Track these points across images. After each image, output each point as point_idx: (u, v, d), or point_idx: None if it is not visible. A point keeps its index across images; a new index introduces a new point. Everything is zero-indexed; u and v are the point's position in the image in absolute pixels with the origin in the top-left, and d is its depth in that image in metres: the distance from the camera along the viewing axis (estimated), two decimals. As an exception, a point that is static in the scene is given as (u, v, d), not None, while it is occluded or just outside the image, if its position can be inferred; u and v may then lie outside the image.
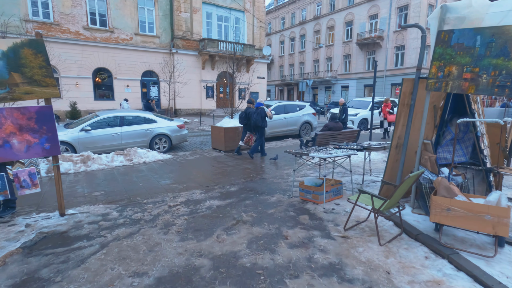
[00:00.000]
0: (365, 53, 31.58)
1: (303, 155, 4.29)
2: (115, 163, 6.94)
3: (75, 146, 7.66)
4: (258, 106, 7.76)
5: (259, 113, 7.54)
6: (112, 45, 19.41)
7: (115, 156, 7.11)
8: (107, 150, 8.16)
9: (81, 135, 7.74)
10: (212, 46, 21.82)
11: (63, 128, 7.94)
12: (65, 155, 6.64)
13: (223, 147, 8.63)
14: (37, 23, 17.05)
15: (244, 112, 7.88)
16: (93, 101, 19.44)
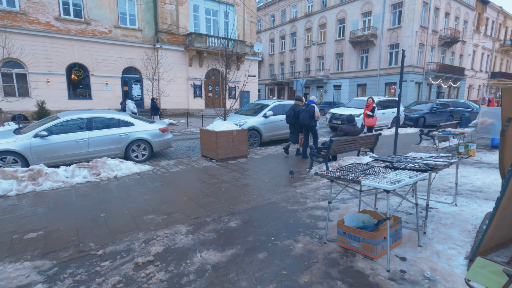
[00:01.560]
0: (358, 51, 30.73)
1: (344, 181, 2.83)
2: (76, 179, 5.38)
3: (27, 156, 6.03)
4: (309, 104, 7.27)
5: (307, 111, 7.09)
6: (89, 39, 17.54)
7: (76, 170, 5.54)
8: (71, 161, 6.57)
9: (35, 142, 6.12)
10: (199, 41, 20.24)
11: (11, 133, 6.28)
12: (7, 170, 5.03)
13: (215, 155, 7.18)
14: (0, 11, 15.02)
15: (292, 109, 7.38)
16: (67, 100, 17.51)
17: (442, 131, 7.42)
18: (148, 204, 4.19)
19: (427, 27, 27.41)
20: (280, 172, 6.04)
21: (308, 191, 4.61)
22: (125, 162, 6.20)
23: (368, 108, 9.70)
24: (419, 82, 28.25)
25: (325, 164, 5.82)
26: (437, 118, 16.73)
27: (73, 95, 18.07)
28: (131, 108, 14.30)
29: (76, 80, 18.02)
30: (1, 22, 14.97)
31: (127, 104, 14.48)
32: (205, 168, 6.51)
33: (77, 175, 5.47)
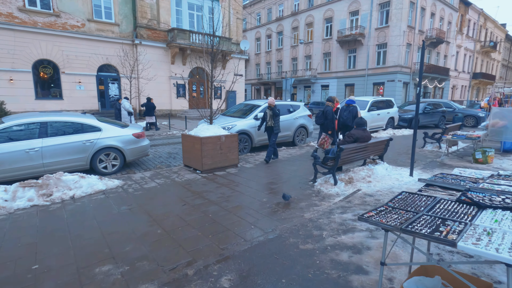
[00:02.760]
0: (346, 51, 30.28)
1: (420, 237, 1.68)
2: (19, 203, 4.14)
3: (-43, 172, 4.71)
4: (350, 104, 7.27)
5: (350, 111, 7.12)
6: (58, 32, 15.89)
7: (19, 190, 4.30)
8: (19, 177, 5.29)
9: (-32, 154, 4.81)
10: (182, 37, 18.96)
11: None
12: None
13: (200, 165, 6.08)
14: (-49, -1, 13.20)
15: (321, 111, 7.19)
16: (33, 101, 15.79)
17: (456, 135, 6.65)
18: (106, 243, 3.06)
19: (414, 27, 27.29)
20: (280, 186, 5.03)
21: (320, 216, 3.62)
22: (87, 177, 4.99)
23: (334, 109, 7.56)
24: (407, 82, 28.10)
25: (332, 176, 4.86)
26: (430, 118, 16.31)
27: (42, 94, 16.34)
28: (127, 108, 12.98)
29: (45, 78, 16.31)
30: (-46, 12, 13.16)
31: (123, 103, 13.11)
32: (187, 182, 5.40)
33: (20, 198, 4.23)
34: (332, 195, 4.44)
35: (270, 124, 6.91)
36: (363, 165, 5.72)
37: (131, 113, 13.21)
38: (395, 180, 4.90)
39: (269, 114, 6.91)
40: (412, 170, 5.08)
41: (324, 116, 6.84)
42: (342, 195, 4.41)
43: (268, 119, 6.94)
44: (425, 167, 6.05)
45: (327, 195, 4.49)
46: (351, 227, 3.23)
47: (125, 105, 13.01)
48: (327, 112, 6.80)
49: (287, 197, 4.15)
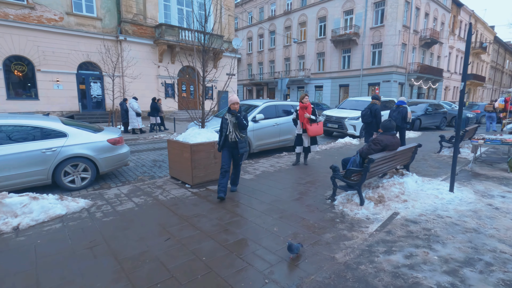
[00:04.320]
0: (340, 51, 29.62)
1: None
2: None
3: None
4: (400, 105, 7.22)
5: (400, 112, 7.07)
6: (33, 26, 14.46)
7: None
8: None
9: None
10: (171, 34, 17.75)
11: None
12: None
13: (189, 177, 4.98)
14: None
15: (368, 108, 6.92)
16: (4, 101, 14.30)
17: (490, 140, 5.76)
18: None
19: (409, 26, 26.85)
20: (292, 207, 3.98)
21: (357, 257, 2.60)
22: (41, 198, 3.82)
23: (307, 109, 6.21)
24: (402, 82, 27.61)
25: (358, 194, 3.85)
26: (432, 120, 15.64)
27: (14, 94, 14.85)
28: (135, 108, 12.01)
29: (18, 76, 14.83)
30: None
31: (131, 103, 12.09)
32: (174, 201, 4.29)
33: None
34: (362, 221, 3.43)
35: (232, 137, 4.27)
36: (381, 176, 4.73)
37: (139, 114, 12.29)
38: (434, 197, 3.93)
39: (232, 123, 4.30)
40: (452, 185, 4.12)
41: (373, 114, 6.64)
42: (375, 220, 3.40)
43: (230, 130, 4.28)
44: (459, 179, 5.13)
45: (356, 220, 3.47)
46: (412, 281, 2.22)
47: (133, 105, 12.01)
48: (377, 111, 6.59)
49: (296, 249, 2.62)
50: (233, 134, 4.27)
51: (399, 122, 7.04)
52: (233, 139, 4.28)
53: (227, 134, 4.28)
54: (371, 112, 6.79)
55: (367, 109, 6.98)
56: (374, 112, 6.75)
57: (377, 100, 6.95)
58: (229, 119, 4.28)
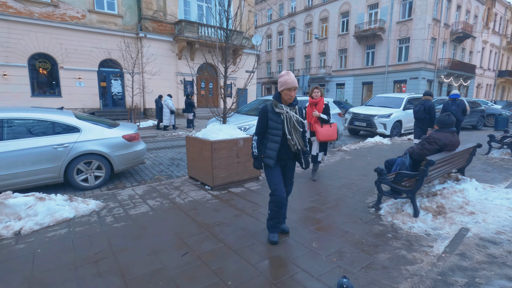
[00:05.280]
0: (364, 47, 28.36)
1: None
2: None
3: None
4: (456, 98, 7.04)
5: (458, 105, 6.97)
6: (57, 24, 14.60)
7: None
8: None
9: None
10: (191, 30, 17.48)
11: None
12: None
13: (210, 178, 4.49)
14: None
15: (421, 105, 6.65)
16: (29, 98, 14.54)
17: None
18: None
19: (440, 20, 25.19)
20: (329, 216, 3.38)
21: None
22: (48, 199, 3.45)
23: (317, 106, 4.89)
24: (431, 79, 26.02)
25: (411, 204, 3.19)
26: (469, 119, 14.36)
27: (39, 91, 15.09)
28: (170, 106, 12.10)
29: (43, 73, 15.06)
30: None
31: (166, 101, 12.15)
32: (192, 205, 3.80)
33: None
34: (420, 237, 2.77)
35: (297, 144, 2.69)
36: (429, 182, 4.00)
37: (173, 112, 12.36)
38: (507, 209, 3.20)
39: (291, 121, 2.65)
40: (529, 194, 3.36)
41: (427, 111, 6.51)
42: (438, 237, 2.73)
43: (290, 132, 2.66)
44: (524, 185, 4.32)
45: (412, 236, 2.82)
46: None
47: (168, 103, 12.07)
48: (431, 107, 6.44)
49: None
50: (296, 139, 2.64)
51: (460, 116, 6.98)
52: (298, 146, 2.66)
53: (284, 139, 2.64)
54: (425, 109, 6.58)
55: (420, 106, 6.75)
56: (428, 109, 6.52)
57: (430, 96, 6.70)
58: (286, 115, 2.59)
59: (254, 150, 2.72)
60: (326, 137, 4.84)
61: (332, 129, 4.89)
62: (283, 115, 2.61)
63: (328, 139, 4.88)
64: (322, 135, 4.81)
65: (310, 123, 4.93)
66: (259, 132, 2.72)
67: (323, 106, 4.88)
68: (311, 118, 4.91)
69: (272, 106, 2.65)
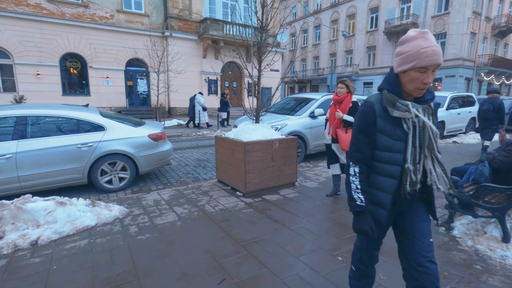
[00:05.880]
0: (394, 43, 26.87)
1: None
2: None
3: None
4: None
5: None
6: (87, 24, 14.88)
7: None
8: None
9: None
10: (216, 28, 17.25)
11: None
12: None
13: (242, 184, 4.03)
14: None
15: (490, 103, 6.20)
16: (60, 97, 14.92)
17: None
18: None
19: (480, 13, 23.28)
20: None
21: None
22: (69, 203, 3.14)
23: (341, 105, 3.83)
24: (469, 77, 24.13)
25: (501, 225, 2.53)
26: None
27: (69, 90, 15.48)
28: (202, 103, 12.14)
29: (73, 73, 15.42)
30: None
31: (198, 98, 12.20)
32: (224, 215, 3.36)
33: None
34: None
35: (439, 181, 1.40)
36: None
37: (205, 109, 12.38)
38: None
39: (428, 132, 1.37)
40: None
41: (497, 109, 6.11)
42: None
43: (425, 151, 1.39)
44: None
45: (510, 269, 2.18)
46: None
47: (200, 100, 12.09)
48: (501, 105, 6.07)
49: None
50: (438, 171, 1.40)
51: None
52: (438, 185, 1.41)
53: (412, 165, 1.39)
54: (494, 108, 6.18)
55: (488, 104, 6.33)
56: (497, 107, 6.14)
57: (498, 94, 6.39)
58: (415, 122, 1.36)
59: (358, 197, 1.43)
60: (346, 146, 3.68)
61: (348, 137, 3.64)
62: (410, 122, 1.36)
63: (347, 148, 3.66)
64: (345, 143, 3.66)
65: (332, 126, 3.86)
66: (363, 158, 1.45)
67: (350, 105, 3.76)
68: (333, 120, 3.84)
69: (385, 104, 1.37)
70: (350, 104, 3.79)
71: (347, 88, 3.82)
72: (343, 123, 3.80)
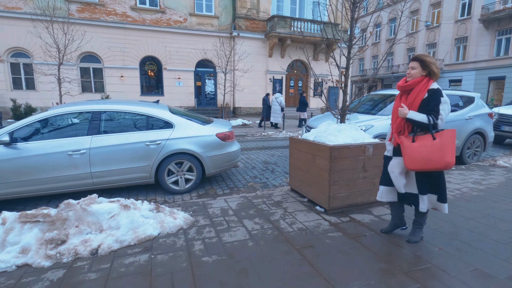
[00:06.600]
0: (494, 33, 22.48)
1: None
2: (4, 256, 2.20)
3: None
4: None
5: None
6: (163, 29, 15.88)
7: (16, 228, 2.39)
8: (57, 191, 3.64)
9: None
10: (283, 25, 16.68)
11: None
12: None
13: (324, 197, 3.26)
14: (80, 3, 14.38)
15: None
16: (139, 96, 16.23)
17: None
18: None
19: None
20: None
21: None
22: (132, 208, 2.82)
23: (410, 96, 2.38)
24: None
25: None
26: None
27: (146, 90, 16.77)
28: (282, 104, 11.80)
29: (149, 75, 16.65)
30: (81, 15, 14.33)
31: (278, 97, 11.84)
32: (306, 239, 2.64)
33: (11, 243, 2.31)
34: None
35: None
36: None
37: (283, 109, 12.07)
38: None
39: None
40: None
41: None
42: None
43: None
44: None
45: None
46: None
47: (281, 100, 11.73)
48: None
49: None
50: None
51: None
52: None
53: None
54: None
55: None
56: None
57: None
58: None
59: None
60: (421, 164, 2.24)
61: (437, 146, 2.20)
62: None
63: (425, 167, 2.24)
64: (411, 158, 2.27)
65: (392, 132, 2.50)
66: None
67: (424, 95, 2.30)
68: (395, 121, 2.46)
69: None
70: (424, 94, 2.29)
71: (423, 66, 2.33)
72: (409, 125, 2.37)
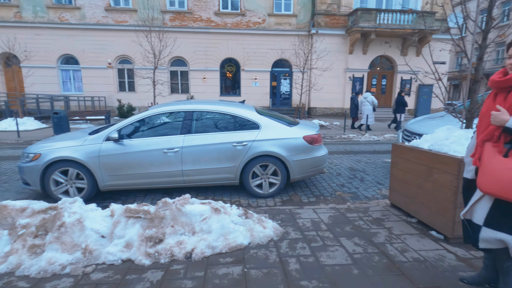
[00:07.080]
0: None
1: None
2: (112, 248, 2.34)
3: (94, 171, 3.67)
4: None
5: None
6: (242, 31, 16.37)
7: (122, 222, 2.52)
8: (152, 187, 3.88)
9: (105, 149, 3.70)
10: (367, 19, 15.32)
11: (85, 134, 4.11)
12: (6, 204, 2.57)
13: (444, 221, 2.61)
14: (172, 13, 15.94)
15: None
16: (219, 97, 17.13)
17: None
18: None
19: None
20: None
21: None
22: (222, 212, 2.72)
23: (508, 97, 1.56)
24: None
25: None
26: None
27: (225, 91, 17.60)
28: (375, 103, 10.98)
29: (228, 76, 17.42)
30: (173, 23, 15.86)
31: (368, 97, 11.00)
32: (429, 276, 2.09)
33: (118, 237, 2.44)
34: None
35: None
36: None
37: (375, 109, 11.11)
38: None
39: None
40: None
41: None
42: None
43: None
44: None
45: None
46: None
47: (372, 99, 10.87)
48: None
49: None
50: None
51: None
52: None
53: None
54: None
55: None
56: None
57: None
58: None
59: None
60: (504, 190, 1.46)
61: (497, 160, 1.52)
62: None
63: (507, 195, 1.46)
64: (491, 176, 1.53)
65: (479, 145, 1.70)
66: None
67: None
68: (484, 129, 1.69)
69: None
70: None
71: None
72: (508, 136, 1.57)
